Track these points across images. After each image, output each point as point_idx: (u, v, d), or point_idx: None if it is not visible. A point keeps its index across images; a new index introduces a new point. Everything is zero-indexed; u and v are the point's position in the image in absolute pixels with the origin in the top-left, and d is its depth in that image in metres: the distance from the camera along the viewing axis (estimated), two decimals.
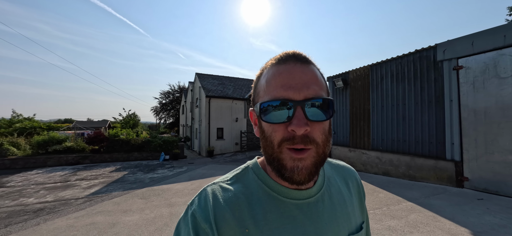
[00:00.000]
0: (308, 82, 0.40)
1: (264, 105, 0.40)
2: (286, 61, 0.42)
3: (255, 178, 0.47)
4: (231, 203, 0.42)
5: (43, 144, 10.60)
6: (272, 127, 0.40)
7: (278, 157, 0.40)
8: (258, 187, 0.45)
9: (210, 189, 0.45)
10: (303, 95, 0.39)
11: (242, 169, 0.50)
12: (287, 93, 0.39)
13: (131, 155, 11.74)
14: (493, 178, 4.26)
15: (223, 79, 17.16)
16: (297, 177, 0.39)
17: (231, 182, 0.47)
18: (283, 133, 0.39)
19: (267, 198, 0.44)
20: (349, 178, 0.56)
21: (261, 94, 0.43)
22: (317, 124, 0.39)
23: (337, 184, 0.52)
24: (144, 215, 4.09)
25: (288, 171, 0.39)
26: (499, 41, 4.21)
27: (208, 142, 13.72)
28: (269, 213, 0.42)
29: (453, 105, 4.84)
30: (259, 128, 0.45)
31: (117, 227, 3.57)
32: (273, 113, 0.39)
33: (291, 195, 0.44)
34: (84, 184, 7.10)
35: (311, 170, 0.39)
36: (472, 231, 2.94)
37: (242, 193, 0.44)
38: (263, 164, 0.49)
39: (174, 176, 8.03)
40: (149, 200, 4.98)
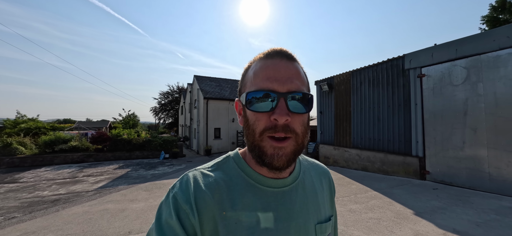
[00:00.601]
0: (291, 77, 0.43)
1: (250, 96, 0.43)
2: (273, 57, 0.44)
3: (235, 166, 0.49)
4: (211, 187, 0.44)
5: (50, 143, 11.24)
6: (256, 115, 0.42)
7: (259, 145, 0.42)
8: (237, 174, 0.48)
9: (192, 174, 0.47)
10: (286, 88, 0.41)
11: (223, 158, 0.52)
12: (272, 85, 0.41)
13: (132, 153, 12.40)
14: (448, 171, 4.97)
15: (220, 81, 17.83)
16: (276, 163, 0.41)
17: (212, 169, 0.49)
18: (266, 122, 0.41)
19: (245, 185, 0.46)
20: (322, 175, 0.60)
21: (248, 85, 0.45)
22: (297, 115, 0.42)
23: (311, 178, 0.56)
24: (148, 203, 4.77)
25: (268, 157, 0.41)
26: (452, 53, 4.91)
27: (206, 141, 14.40)
28: (246, 198, 0.45)
29: (418, 108, 5.55)
30: (243, 117, 0.47)
31: (126, 212, 4.25)
32: (258, 103, 0.42)
33: (268, 183, 0.47)
34: (91, 180, 7.77)
35: (290, 157, 0.42)
36: (415, 212, 3.65)
37: (222, 179, 0.46)
38: (243, 154, 0.52)
39: (174, 172, 8.71)
40: (152, 192, 5.66)
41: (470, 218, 3.33)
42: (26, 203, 5.35)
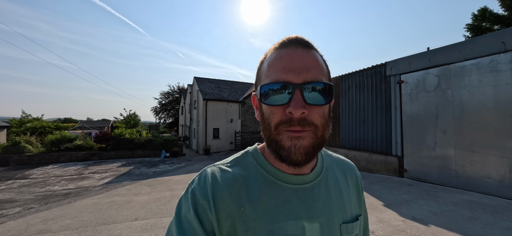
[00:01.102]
0: (308, 66, 0.40)
1: (265, 89, 0.41)
2: (287, 46, 0.42)
3: (253, 162, 0.48)
4: (229, 183, 0.44)
5: (56, 142, 11.79)
6: (271, 109, 0.41)
7: (275, 139, 0.41)
8: (256, 170, 0.47)
9: (210, 170, 0.46)
10: (302, 79, 0.39)
11: (242, 153, 0.51)
12: (286, 76, 0.39)
13: (134, 152, 12.94)
14: (422, 169, 5.48)
15: (219, 82, 18.36)
16: (294, 156, 0.39)
17: (230, 164, 0.48)
18: (281, 115, 0.40)
19: (264, 181, 0.45)
20: (348, 171, 0.57)
21: (263, 78, 0.44)
22: (315, 107, 0.40)
23: (335, 175, 0.53)
24: (151, 196, 5.29)
25: (285, 150, 0.40)
26: (426, 62, 5.43)
27: (205, 141, 14.92)
28: (265, 194, 0.44)
29: (397, 112, 6.06)
30: (259, 111, 0.46)
31: (132, 203, 4.78)
32: (272, 96, 0.40)
33: (288, 180, 0.46)
34: (97, 176, 8.31)
35: (308, 150, 0.40)
36: (385, 203, 4.16)
37: (240, 175, 0.46)
38: (262, 149, 0.51)
39: (174, 170, 9.24)
40: (154, 187, 6.19)
41: (430, 209, 3.85)
42: (40, 196, 5.89)
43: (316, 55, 0.43)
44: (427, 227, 3.21)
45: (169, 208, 4.37)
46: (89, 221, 3.84)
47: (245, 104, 16.67)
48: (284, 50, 0.42)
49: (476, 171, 4.55)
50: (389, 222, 3.39)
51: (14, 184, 7.40)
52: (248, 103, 16.83)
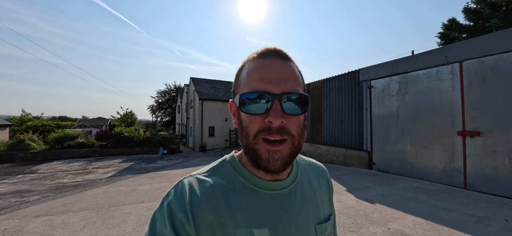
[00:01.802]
0: (286, 77, 0.41)
1: (244, 97, 0.41)
2: (266, 56, 0.43)
3: (231, 170, 0.48)
4: (207, 193, 0.44)
5: (59, 139, 12.44)
6: (250, 118, 0.41)
7: (253, 148, 0.41)
8: (235, 178, 0.47)
9: (187, 181, 0.46)
10: (280, 89, 0.40)
11: (219, 162, 0.51)
12: (266, 86, 0.40)
13: (134, 149, 13.66)
14: (386, 162, 6.39)
15: (215, 83, 19.11)
16: (272, 167, 0.41)
17: (208, 174, 0.48)
18: (260, 124, 0.40)
19: (243, 189, 0.46)
20: (320, 174, 0.60)
21: (241, 86, 0.44)
22: (292, 117, 0.41)
23: (309, 178, 0.55)
24: (152, 186, 6.09)
25: (263, 161, 0.41)
26: (390, 70, 6.32)
27: (201, 139, 15.71)
28: (244, 202, 0.44)
29: (367, 113, 6.95)
30: (237, 119, 0.46)
31: (136, 191, 5.57)
32: (251, 105, 0.41)
33: (266, 186, 0.46)
34: (101, 171, 9.05)
35: (286, 160, 0.41)
36: (347, 189, 5.04)
37: (218, 184, 0.46)
38: (240, 157, 0.51)
39: (172, 165, 10.03)
40: (155, 179, 6.98)
41: (383, 193, 4.74)
42: (53, 187, 6.63)
43: (293, 67, 0.44)
44: (373, 205, 4.09)
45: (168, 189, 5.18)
46: (102, 204, 4.63)
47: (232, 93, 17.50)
48: (263, 61, 0.43)
49: (425, 163, 5.47)
50: (345, 202, 4.27)
51: (25, 177, 8.10)
52: None
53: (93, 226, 3.54)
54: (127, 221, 3.72)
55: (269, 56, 0.44)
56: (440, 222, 3.34)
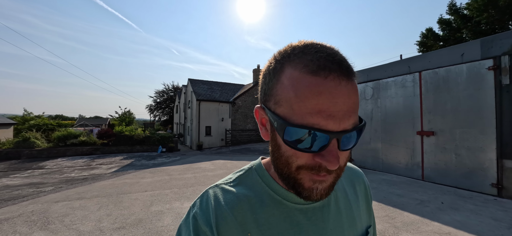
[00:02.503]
0: (350, 109, 0.31)
1: (290, 130, 0.32)
2: (328, 75, 0.31)
3: (258, 180, 0.45)
4: (233, 206, 0.41)
5: (63, 138, 13.08)
6: (295, 151, 0.34)
7: (295, 177, 0.36)
8: (262, 190, 0.43)
9: (212, 191, 0.44)
10: (342, 127, 0.31)
11: (245, 170, 0.48)
12: (326, 123, 0.30)
13: (134, 147, 14.35)
14: (362, 158, 7.20)
15: (212, 84, 19.84)
16: (315, 197, 0.36)
17: (233, 184, 0.45)
18: (307, 160, 0.34)
19: (271, 202, 0.42)
20: (356, 180, 0.54)
21: (283, 103, 0.33)
22: (345, 152, 0.35)
23: (343, 187, 0.50)
24: (154, 179, 6.82)
25: (306, 190, 0.36)
26: (365, 77, 7.13)
27: (198, 138, 16.43)
28: (272, 217, 0.41)
29: None
30: (271, 136, 0.38)
31: (140, 183, 6.29)
32: (301, 140, 0.32)
33: (296, 200, 0.42)
34: (104, 167, 9.74)
35: (330, 190, 0.37)
36: None
37: (245, 196, 0.42)
38: (267, 165, 0.47)
39: (170, 162, 10.75)
40: (155, 173, 7.71)
41: None
42: (63, 180, 7.33)
43: (357, 88, 0.34)
44: None
45: (168, 185, 5.92)
46: (111, 192, 5.36)
47: (235, 104, 18.25)
48: (322, 82, 0.30)
49: (393, 158, 6.29)
50: None
51: (35, 172, 8.77)
52: (238, 104, 18.40)
53: (107, 208, 4.28)
54: (135, 204, 4.46)
55: (332, 73, 0.31)
56: (389, 204, 4.15)
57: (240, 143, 18.01)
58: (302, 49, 0.35)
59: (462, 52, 4.91)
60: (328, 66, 0.31)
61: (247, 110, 18.74)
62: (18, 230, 3.45)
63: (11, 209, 4.44)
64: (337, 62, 0.32)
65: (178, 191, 5.37)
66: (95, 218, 3.80)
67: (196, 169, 8.34)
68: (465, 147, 4.83)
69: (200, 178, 6.76)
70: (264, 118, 0.40)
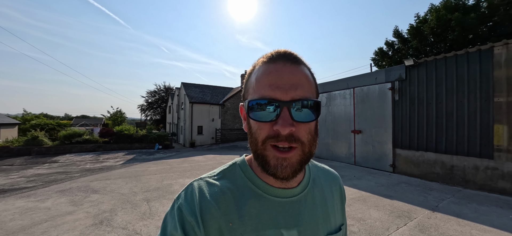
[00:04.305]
0: (296, 83, 0.40)
1: (252, 103, 0.41)
2: (276, 61, 0.42)
3: (241, 174, 0.49)
4: (217, 197, 0.44)
5: (69, 136, 14.58)
6: (258, 124, 0.41)
7: (262, 154, 0.42)
8: (244, 183, 0.47)
9: (197, 184, 0.47)
10: (290, 96, 0.39)
11: (229, 165, 0.52)
12: (274, 93, 0.40)
13: (133, 145, 16.03)
14: (318, 151, 9.45)
15: (203, 87, 21.71)
16: (280, 174, 0.41)
17: (217, 177, 0.49)
18: (268, 131, 0.40)
19: (252, 195, 0.46)
20: (332, 182, 0.59)
21: (250, 92, 0.44)
22: (302, 124, 0.40)
23: (321, 186, 0.55)
24: (158, 167, 8.74)
25: (271, 167, 0.41)
26: (322, 89, 9.38)
27: (190, 136, 18.30)
28: (253, 209, 0.44)
29: None
30: (247, 124, 0.46)
31: (148, 170, 8.20)
32: (260, 112, 0.40)
33: (275, 193, 0.47)
34: (111, 161, 11.49)
35: (296, 167, 0.41)
36: None
37: (228, 189, 0.46)
38: (250, 161, 0.52)
39: (168, 157, 12.62)
40: (158, 164, 9.61)
41: None
42: (82, 170, 9.09)
43: (304, 71, 0.43)
44: None
45: (171, 171, 7.89)
46: (129, 175, 7.27)
47: (224, 106, 20.26)
48: (272, 65, 0.42)
49: (338, 150, 8.58)
50: None
51: (53, 165, 10.42)
52: (227, 106, 20.41)
53: (131, 183, 6.23)
54: (151, 180, 6.44)
55: (279, 60, 0.42)
56: None
57: (229, 141, 20.02)
58: (268, 53, 0.46)
59: (376, 76, 7.22)
60: (277, 55, 0.44)
61: (235, 111, 20.76)
62: (78, 194, 5.35)
63: (60, 186, 6.27)
64: (284, 53, 0.44)
65: (179, 174, 7.37)
66: (127, 187, 5.76)
67: (191, 161, 10.33)
68: (377, 141, 7.15)
69: (195, 167, 8.76)
70: (243, 113, 0.49)
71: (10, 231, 3.46)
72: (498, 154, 4.72)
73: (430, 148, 5.82)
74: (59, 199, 5.02)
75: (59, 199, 5.02)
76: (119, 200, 4.79)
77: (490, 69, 4.85)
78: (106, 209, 4.27)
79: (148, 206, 4.39)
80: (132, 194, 5.18)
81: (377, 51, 14.71)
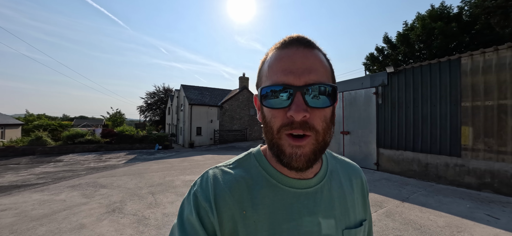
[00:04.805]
0: (309, 67, 0.39)
1: (265, 91, 0.41)
2: (288, 46, 0.42)
3: (256, 164, 0.49)
4: (231, 185, 0.45)
5: (71, 136, 15.05)
6: (272, 112, 0.41)
7: (277, 143, 0.41)
8: (258, 173, 0.47)
9: (212, 172, 0.47)
10: (303, 81, 0.38)
11: (244, 155, 0.52)
12: (287, 78, 0.39)
13: (134, 145, 16.52)
14: None
15: (202, 89, 22.26)
16: (295, 163, 0.40)
17: (232, 166, 0.49)
18: (282, 119, 0.39)
19: (266, 184, 0.46)
20: (353, 174, 0.57)
21: (263, 80, 0.44)
22: (317, 110, 0.39)
23: (339, 179, 0.53)
24: (160, 166, 9.27)
25: (286, 156, 0.40)
26: None
27: (190, 137, 18.82)
28: (267, 198, 0.44)
29: None
30: (261, 113, 0.45)
31: (150, 169, 8.72)
32: (273, 99, 0.40)
33: (290, 184, 0.46)
34: (114, 160, 11.98)
35: (310, 157, 0.40)
36: None
37: (242, 177, 0.46)
38: (265, 151, 0.51)
39: (168, 157, 13.14)
40: (159, 163, 10.13)
41: None
42: (88, 168, 9.59)
43: (318, 55, 0.42)
44: None
45: (172, 169, 8.42)
46: (133, 172, 7.79)
47: (223, 108, 20.81)
48: (284, 51, 0.41)
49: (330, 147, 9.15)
50: None
51: (58, 163, 10.89)
52: (225, 108, 20.95)
53: (136, 179, 6.76)
54: (154, 177, 6.97)
55: (291, 45, 0.41)
56: None
57: (227, 142, 20.56)
58: (279, 41, 0.45)
59: (362, 82, 7.82)
60: (289, 41, 0.42)
61: (233, 113, 21.33)
62: (88, 189, 5.87)
63: (70, 182, 6.79)
64: (296, 38, 0.42)
65: (180, 171, 7.91)
66: (132, 183, 6.29)
67: (191, 160, 10.86)
68: (363, 141, 7.74)
69: (194, 165, 9.30)
70: (257, 102, 0.48)
71: (34, 217, 3.99)
72: (465, 152, 5.33)
73: (408, 147, 6.42)
74: (71, 192, 5.54)
75: (71, 192, 5.54)
76: (126, 193, 5.33)
77: (458, 77, 5.46)
78: (116, 200, 4.80)
79: (154, 198, 4.93)
80: (138, 188, 5.71)
81: (368, 56, 15.40)
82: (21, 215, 4.11)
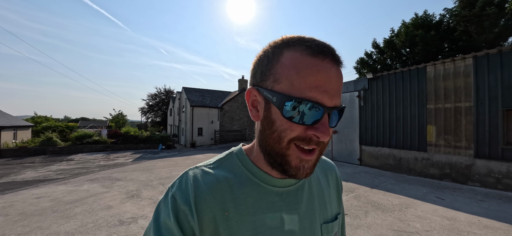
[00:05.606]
0: (339, 90, 0.39)
1: (290, 103, 0.36)
2: (324, 58, 0.37)
3: (238, 163, 0.48)
4: (212, 186, 0.43)
5: (80, 137, 15.95)
6: (289, 124, 0.37)
7: (283, 153, 0.39)
8: (241, 172, 0.46)
9: (192, 173, 0.45)
10: (333, 103, 0.37)
11: (226, 154, 0.50)
12: (322, 97, 0.36)
13: (138, 145, 17.42)
14: None
15: (203, 92, 23.17)
16: (301, 176, 0.40)
17: (213, 166, 0.47)
18: (300, 133, 0.37)
19: (249, 184, 0.45)
20: (329, 171, 0.59)
21: (283, 80, 0.38)
22: (330, 128, 0.40)
23: (317, 175, 0.54)
24: (165, 163, 10.15)
25: (292, 168, 0.39)
26: None
27: (191, 137, 19.72)
28: (250, 197, 0.43)
29: None
30: (264, 114, 0.41)
31: (156, 166, 9.60)
32: (297, 113, 0.36)
33: (273, 183, 0.46)
34: (121, 159, 12.87)
35: (313, 167, 0.41)
36: None
37: (224, 177, 0.45)
38: (247, 151, 0.50)
39: (171, 156, 14.02)
40: (164, 161, 11.01)
41: None
42: (99, 166, 10.48)
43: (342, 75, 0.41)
44: None
45: (177, 165, 9.29)
46: (142, 168, 8.68)
47: (223, 109, 21.72)
48: (320, 63, 0.37)
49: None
50: None
51: (70, 162, 11.79)
52: (225, 109, 21.86)
53: (146, 174, 7.64)
54: (161, 172, 7.86)
55: (327, 58, 0.38)
56: None
57: (227, 142, 21.45)
58: (299, 38, 0.40)
59: (347, 86, 8.72)
60: (325, 51, 0.38)
61: (233, 114, 22.22)
62: (105, 181, 6.75)
63: (87, 177, 7.67)
64: (331, 50, 0.39)
65: (184, 167, 8.79)
66: (144, 177, 7.18)
67: (193, 158, 11.75)
68: (348, 139, 8.62)
69: (197, 162, 9.99)
70: (256, 99, 0.43)
71: (68, 202, 4.87)
72: (430, 147, 6.21)
73: (385, 144, 7.30)
74: (92, 184, 6.43)
75: (92, 184, 6.43)
76: (140, 184, 6.22)
77: (424, 83, 6.35)
78: (132, 189, 5.69)
79: (164, 187, 5.81)
80: (149, 181, 6.60)
81: (358, 60, 16.35)
82: (55, 201, 5.00)
